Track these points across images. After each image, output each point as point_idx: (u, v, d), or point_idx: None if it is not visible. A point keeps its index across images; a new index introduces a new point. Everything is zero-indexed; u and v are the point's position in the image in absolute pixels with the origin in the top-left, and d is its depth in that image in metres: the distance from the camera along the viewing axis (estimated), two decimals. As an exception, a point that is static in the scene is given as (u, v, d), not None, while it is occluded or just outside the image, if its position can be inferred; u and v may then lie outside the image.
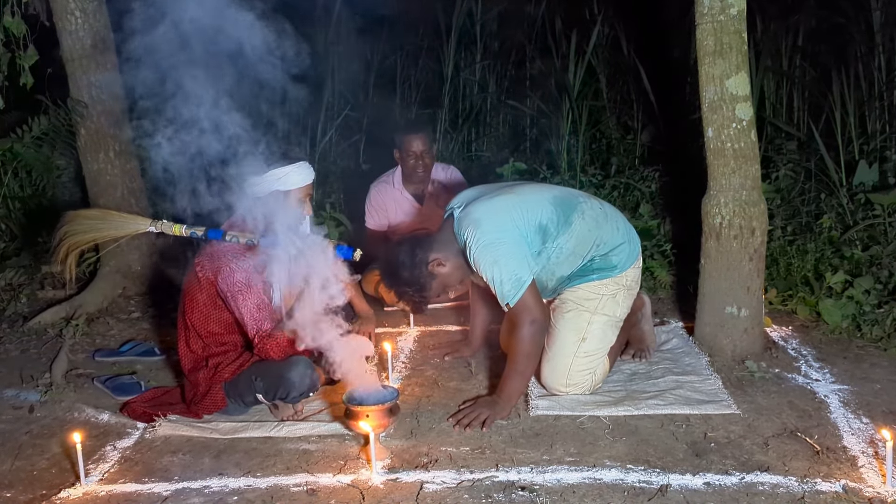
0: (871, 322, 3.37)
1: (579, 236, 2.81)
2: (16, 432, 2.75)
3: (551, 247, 2.79)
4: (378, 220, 4.34)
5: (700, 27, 3.07)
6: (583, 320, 2.85)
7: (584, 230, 2.82)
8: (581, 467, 2.32)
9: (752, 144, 3.11)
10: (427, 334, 3.68)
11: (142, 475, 2.39)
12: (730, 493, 2.15)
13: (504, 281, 2.66)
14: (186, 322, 2.79)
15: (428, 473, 2.32)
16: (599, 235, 2.85)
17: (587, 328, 2.85)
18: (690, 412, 2.67)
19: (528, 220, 2.74)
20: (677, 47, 5.93)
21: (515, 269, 2.66)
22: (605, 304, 2.88)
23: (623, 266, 2.89)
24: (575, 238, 2.80)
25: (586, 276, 2.88)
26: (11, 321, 4.02)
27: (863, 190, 4.61)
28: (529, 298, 2.67)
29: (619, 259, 2.88)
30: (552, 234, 2.77)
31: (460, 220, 2.77)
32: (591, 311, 2.86)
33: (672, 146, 5.58)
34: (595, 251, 2.86)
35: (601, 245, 2.86)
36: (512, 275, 2.65)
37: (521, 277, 2.66)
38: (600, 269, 2.87)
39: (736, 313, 3.15)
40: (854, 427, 2.53)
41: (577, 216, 2.81)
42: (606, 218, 2.89)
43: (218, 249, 2.73)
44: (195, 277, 2.75)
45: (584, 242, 2.83)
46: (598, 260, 2.87)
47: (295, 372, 2.63)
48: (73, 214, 2.82)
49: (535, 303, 2.69)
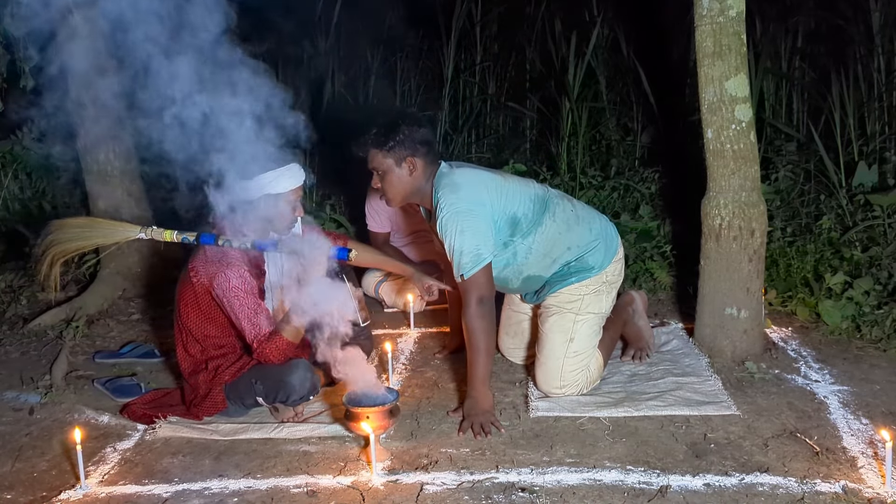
0: (871, 323, 3.37)
1: (549, 237, 2.81)
2: (16, 434, 2.75)
3: (520, 242, 2.78)
4: (380, 222, 4.33)
5: (699, 29, 3.07)
6: (568, 321, 2.85)
7: (554, 232, 2.82)
8: (581, 468, 2.32)
9: (751, 146, 3.11)
10: (427, 336, 3.68)
11: (142, 477, 2.39)
12: (729, 494, 2.15)
13: (465, 252, 2.64)
14: (182, 326, 2.79)
15: (428, 475, 2.32)
16: (570, 238, 2.85)
17: (573, 328, 2.85)
18: (690, 413, 2.67)
19: (503, 207, 2.74)
20: (677, 49, 5.94)
21: (478, 245, 2.65)
22: (588, 303, 2.89)
23: (601, 265, 2.90)
24: (544, 238, 2.81)
25: (565, 279, 2.88)
26: (11, 323, 4.02)
27: (862, 191, 4.61)
28: (482, 276, 2.66)
29: (595, 259, 2.89)
30: (522, 230, 2.77)
31: (442, 175, 2.75)
32: (576, 312, 2.87)
33: (672, 148, 5.58)
34: (568, 255, 2.86)
35: (573, 248, 2.86)
36: (474, 248, 2.64)
37: (481, 253, 2.65)
38: (578, 271, 2.88)
39: (736, 314, 3.15)
40: (854, 428, 2.53)
41: (549, 217, 2.81)
42: (578, 220, 2.89)
43: (212, 254, 2.71)
44: (189, 282, 2.73)
45: (556, 245, 2.84)
46: (574, 263, 2.88)
47: (295, 376, 2.63)
48: (58, 223, 2.76)
49: (486, 281, 2.68)
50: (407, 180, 2.76)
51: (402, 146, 2.72)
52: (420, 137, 2.74)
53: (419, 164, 2.74)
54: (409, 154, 2.72)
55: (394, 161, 2.73)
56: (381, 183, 2.79)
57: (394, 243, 4.33)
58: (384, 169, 2.75)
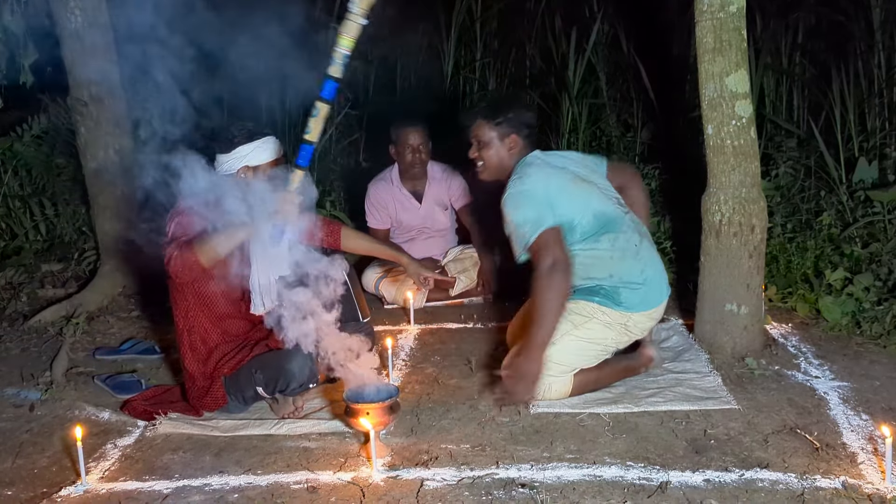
0: (871, 319, 3.37)
1: (597, 256, 2.78)
2: (16, 430, 2.75)
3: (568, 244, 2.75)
4: (380, 219, 4.33)
5: (699, 24, 3.07)
6: (562, 328, 2.73)
7: (605, 254, 2.78)
8: (581, 464, 2.32)
9: (751, 142, 3.11)
10: (427, 332, 3.68)
11: (142, 473, 2.39)
12: (729, 490, 2.15)
13: (525, 222, 2.68)
14: (178, 322, 2.82)
15: (428, 471, 2.32)
16: (617, 268, 2.80)
17: (562, 336, 2.73)
18: (690, 409, 2.67)
19: (562, 209, 2.73)
20: (677, 45, 5.92)
21: (538, 214, 2.68)
22: (593, 327, 2.80)
23: (630, 307, 2.81)
24: (592, 255, 2.78)
25: (589, 295, 2.84)
26: (12, 320, 4.02)
27: (862, 187, 4.61)
28: (548, 238, 2.65)
29: (627, 298, 2.81)
30: (574, 236, 2.76)
31: (524, 162, 2.87)
32: (575, 325, 2.77)
33: (672, 144, 5.58)
34: (606, 280, 2.82)
35: (614, 276, 2.81)
36: (533, 217, 2.67)
37: (540, 220, 2.67)
38: (605, 296, 2.82)
39: (736, 311, 3.15)
40: (853, 424, 2.54)
41: (608, 238, 2.79)
42: (635, 256, 2.83)
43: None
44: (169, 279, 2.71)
45: (600, 266, 2.80)
46: (608, 289, 2.82)
47: (294, 363, 2.64)
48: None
49: (555, 243, 2.65)
50: (504, 155, 2.91)
51: (510, 123, 2.88)
52: (526, 120, 2.92)
53: (519, 144, 2.90)
54: (513, 131, 2.89)
55: (497, 135, 2.89)
56: (479, 153, 2.93)
57: (394, 240, 4.33)
58: (486, 141, 2.90)
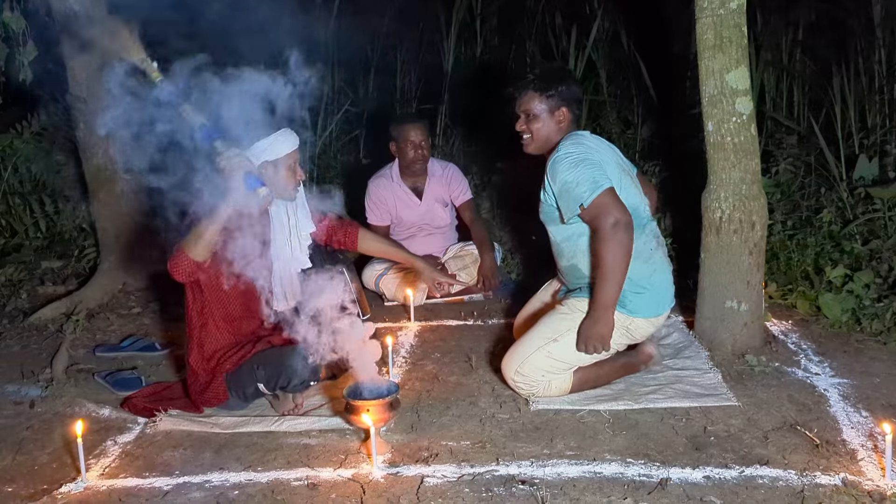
0: (871, 316, 3.37)
1: None
2: (17, 427, 2.76)
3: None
4: (380, 216, 4.33)
5: (700, 21, 3.06)
6: (565, 325, 2.75)
7: None
8: (581, 461, 2.33)
9: (751, 139, 3.11)
10: (427, 329, 3.68)
11: (143, 470, 2.40)
12: (729, 487, 2.15)
13: (580, 182, 2.64)
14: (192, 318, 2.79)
15: (428, 468, 2.32)
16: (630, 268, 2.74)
17: (565, 333, 2.74)
18: (690, 406, 2.67)
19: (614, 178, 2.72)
20: (677, 42, 5.92)
21: (594, 175, 2.64)
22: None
23: (635, 311, 2.79)
24: None
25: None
26: (12, 317, 4.02)
27: (863, 184, 4.61)
28: (608, 198, 2.62)
29: (634, 302, 2.78)
30: None
31: (574, 133, 2.84)
32: (577, 323, 2.75)
33: (672, 141, 5.57)
34: None
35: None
36: (589, 177, 2.64)
37: (598, 181, 2.63)
38: None
39: (736, 307, 3.15)
40: (853, 420, 2.54)
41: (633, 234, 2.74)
42: (648, 260, 2.81)
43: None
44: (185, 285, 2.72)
45: None
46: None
47: (296, 359, 2.64)
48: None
49: (615, 202, 2.62)
50: (553, 129, 2.87)
51: (560, 96, 2.85)
52: (576, 94, 2.89)
53: (568, 118, 2.87)
54: (563, 105, 2.86)
55: (547, 108, 2.85)
56: (527, 125, 2.88)
57: (394, 237, 4.33)
58: (536, 113, 2.86)
